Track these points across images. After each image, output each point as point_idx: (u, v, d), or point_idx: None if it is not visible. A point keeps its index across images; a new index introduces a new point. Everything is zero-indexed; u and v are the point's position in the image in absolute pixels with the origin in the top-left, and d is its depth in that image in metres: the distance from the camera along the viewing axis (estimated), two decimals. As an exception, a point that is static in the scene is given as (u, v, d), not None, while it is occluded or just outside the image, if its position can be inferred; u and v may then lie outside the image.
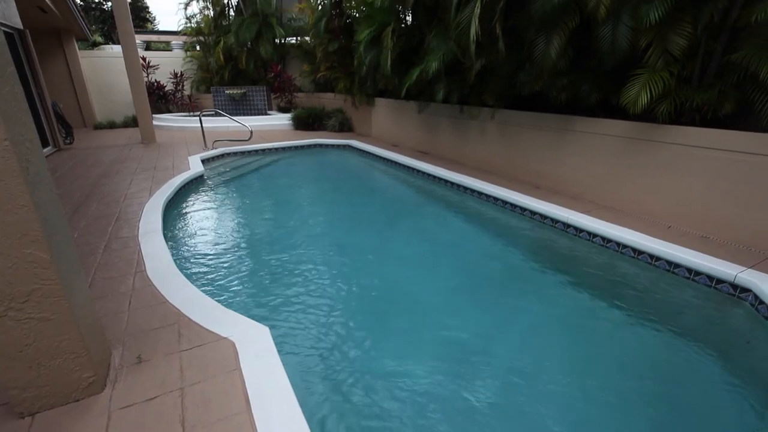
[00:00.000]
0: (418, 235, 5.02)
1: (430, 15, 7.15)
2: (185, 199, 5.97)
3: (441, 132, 8.03)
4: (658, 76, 4.13)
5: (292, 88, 14.15)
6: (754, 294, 3.20)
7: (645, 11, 3.98)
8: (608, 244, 4.29)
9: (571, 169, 5.51)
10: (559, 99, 5.35)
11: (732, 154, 3.91)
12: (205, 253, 4.22)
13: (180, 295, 3.00)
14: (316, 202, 6.50)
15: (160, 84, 14.85)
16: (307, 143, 10.06)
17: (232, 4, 15.57)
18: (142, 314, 2.78)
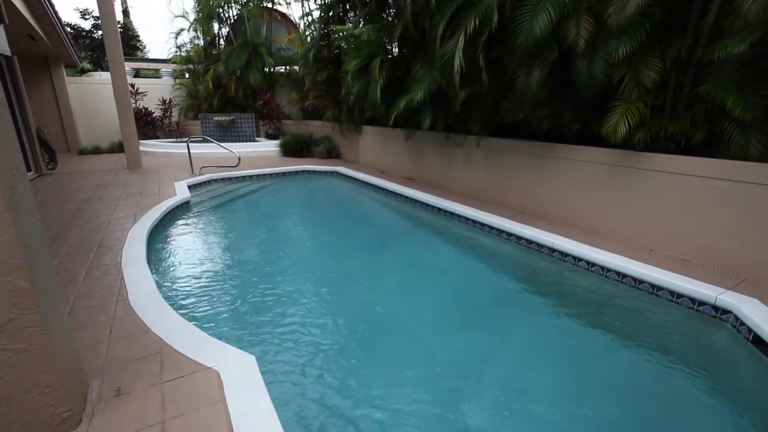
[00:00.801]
0: (405, 261, 5.02)
1: (416, 47, 7.42)
2: (171, 225, 5.89)
3: (427, 159, 8.18)
4: (634, 107, 4.34)
5: (280, 116, 14.33)
6: (734, 315, 3.27)
7: (614, 46, 4.22)
8: (593, 268, 4.36)
9: (555, 195, 5.64)
10: (541, 127, 5.54)
11: (705, 180, 4.08)
12: (190, 281, 4.14)
13: (163, 323, 2.92)
14: (303, 228, 6.48)
15: (148, 110, 14.90)
16: (294, 170, 10.11)
17: (223, 34, 15.92)
18: (123, 344, 2.69)
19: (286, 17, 16.00)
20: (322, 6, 11.14)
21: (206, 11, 14.73)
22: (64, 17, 18.07)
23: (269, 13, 15.03)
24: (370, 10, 8.57)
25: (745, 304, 3.25)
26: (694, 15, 4.21)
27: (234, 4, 14.89)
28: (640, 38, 4.11)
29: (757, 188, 3.73)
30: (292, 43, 14.67)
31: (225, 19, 15.34)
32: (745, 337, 3.12)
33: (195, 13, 15.46)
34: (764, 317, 3.05)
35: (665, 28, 4.34)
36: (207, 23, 15.34)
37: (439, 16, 5.76)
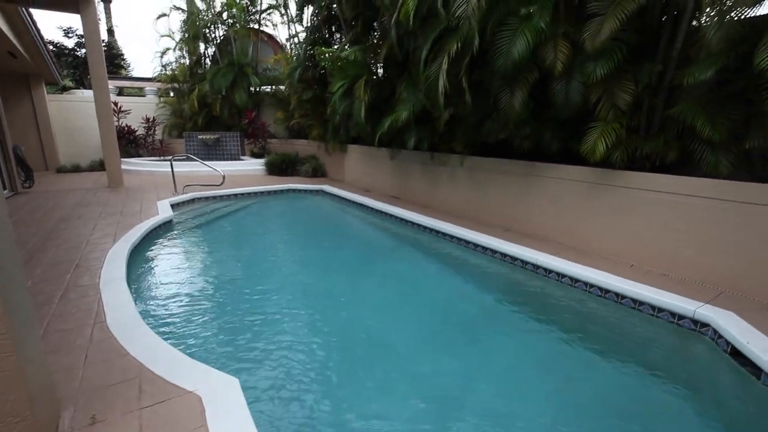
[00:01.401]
0: (391, 280, 5.01)
1: (400, 68, 7.59)
2: (152, 245, 5.76)
3: (412, 178, 8.26)
4: (611, 128, 4.50)
5: (265, 134, 14.36)
6: (712, 329, 3.35)
7: (592, 68, 4.40)
8: (576, 284, 4.42)
9: (539, 212, 5.75)
10: (523, 147, 5.69)
11: (680, 197, 4.23)
12: (172, 302, 4.03)
13: (143, 346, 2.83)
14: (288, 247, 6.42)
15: (131, 128, 14.75)
16: (280, 188, 10.07)
17: (209, 54, 16.02)
18: (100, 369, 2.59)
19: (273, 38, 16.23)
20: (309, 28, 11.36)
21: (192, 31, 14.85)
22: (46, 35, 17.94)
23: (256, 34, 15.23)
24: (356, 33, 8.78)
25: (722, 317, 3.33)
26: (664, 42, 4.45)
27: (221, 25, 15.05)
28: (616, 61, 4.30)
29: (727, 204, 3.88)
30: (278, 64, 14.84)
31: (211, 40, 15.46)
32: (723, 349, 3.19)
33: (181, 33, 15.55)
34: (740, 330, 3.13)
35: (638, 54, 4.56)
36: (193, 43, 15.45)
37: (423, 39, 5.93)
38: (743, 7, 3.42)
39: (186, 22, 15.05)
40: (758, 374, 2.84)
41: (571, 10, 4.75)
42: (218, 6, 15.01)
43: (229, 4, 14.37)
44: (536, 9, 4.67)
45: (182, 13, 15.42)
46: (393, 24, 6.38)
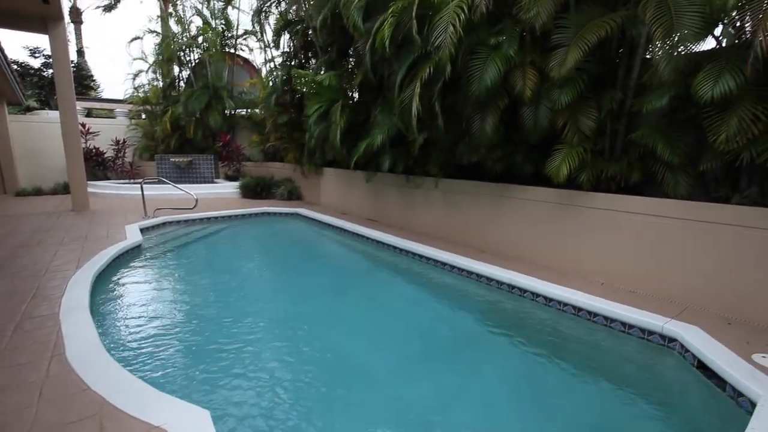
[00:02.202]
0: (368, 303, 4.96)
1: (375, 93, 7.76)
2: (119, 271, 5.51)
3: (388, 200, 8.33)
4: (575, 151, 4.72)
5: (240, 157, 14.22)
6: (680, 343, 3.46)
7: (557, 95, 4.64)
8: (550, 303, 4.50)
9: (512, 233, 5.88)
10: (495, 169, 5.86)
11: (642, 216, 4.43)
12: (139, 331, 3.84)
13: (106, 379, 2.67)
14: (262, 271, 6.28)
15: (99, 150, 14.32)
16: (254, 211, 9.92)
17: (183, 77, 15.91)
18: (56, 406, 2.42)
19: (249, 62, 16.32)
20: (285, 53, 11.52)
21: (167, 54, 14.76)
22: (11, 54, 17.42)
23: (231, 58, 15.29)
24: (331, 58, 8.95)
25: (687, 331, 3.46)
26: (622, 72, 4.76)
27: (196, 48, 15.04)
28: (579, 89, 4.56)
29: (686, 223, 4.10)
30: (254, 87, 14.89)
31: (186, 63, 15.40)
32: (691, 363, 3.29)
33: (155, 56, 15.42)
34: (705, 344, 3.25)
35: (599, 82, 4.84)
36: (167, 66, 15.33)
37: (398, 65, 6.11)
38: (688, 42, 3.72)
39: (160, 45, 14.96)
40: (723, 386, 2.94)
41: (537, 41, 5.03)
42: (194, 30, 15.05)
43: (205, 29, 14.42)
44: (505, 39, 4.91)
45: (156, 36, 15.35)
46: (367, 50, 6.55)
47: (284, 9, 11.44)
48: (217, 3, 14.68)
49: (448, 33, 4.79)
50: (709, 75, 3.60)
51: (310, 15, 9.36)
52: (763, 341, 3.40)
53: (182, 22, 14.77)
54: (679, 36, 3.69)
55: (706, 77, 3.61)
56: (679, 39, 3.70)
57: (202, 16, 14.63)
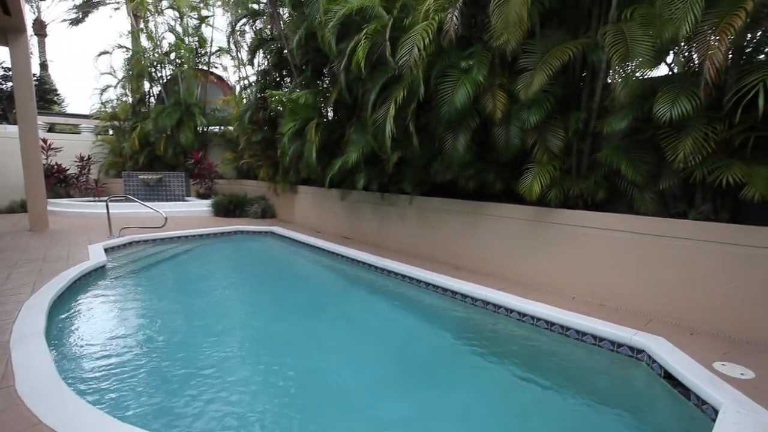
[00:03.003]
0: (343, 322, 4.90)
1: (350, 111, 7.83)
2: (80, 294, 5.22)
3: (363, 218, 8.33)
4: (545, 169, 4.89)
5: (212, 175, 13.93)
6: (647, 354, 3.57)
7: (526, 116, 4.82)
8: (524, 318, 4.57)
9: (485, 250, 5.97)
10: (468, 187, 5.98)
11: (608, 231, 4.62)
12: (100, 359, 3.62)
13: (60, 412, 2.49)
14: (234, 292, 6.10)
15: (62, 167, 13.71)
16: (227, 230, 9.69)
17: (154, 93, 15.59)
18: (4, 442, 2.23)
19: (222, 80, 16.20)
20: (259, 71, 11.51)
21: (137, 70, 14.46)
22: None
23: (205, 75, 15.14)
24: (306, 77, 9.01)
25: (654, 342, 3.57)
26: (585, 94, 5.02)
27: (168, 64, 14.83)
28: (546, 110, 4.76)
29: (649, 238, 4.30)
30: (228, 105, 14.74)
31: (157, 79, 15.13)
32: (658, 373, 3.40)
33: (124, 71, 15.09)
34: (671, 354, 3.37)
35: (565, 104, 5.08)
36: (137, 81, 15.01)
37: (372, 85, 6.22)
38: (643, 68, 3.98)
39: (130, 60, 14.67)
40: (688, 395, 3.05)
41: (506, 64, 5.24)
42: (166, 46, 14.86)
43: (177, 45, 14.27)
44: (474, 62, 5.10)
45: (126, 52, 15.05)
46: (342, 70, 6.64)
47: (259, 28, 11.48)
48: (191, 20, 14.60)
49: (412, 55, 4.94)
50: (666, 98, 3.83)
51: (285, 34, 9.44)
52: (722, 349, 3.55)
53: (153, 37, 14.57)
54: (634, 62, 3.94)
55: (664, 100, 3.84)
56: (635, 65, 3.95)
57: (174, 32, 14.49)
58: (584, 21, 5.06)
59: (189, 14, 14.46)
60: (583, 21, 5.07)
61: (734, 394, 2.80)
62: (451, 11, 4.83)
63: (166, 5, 14.58)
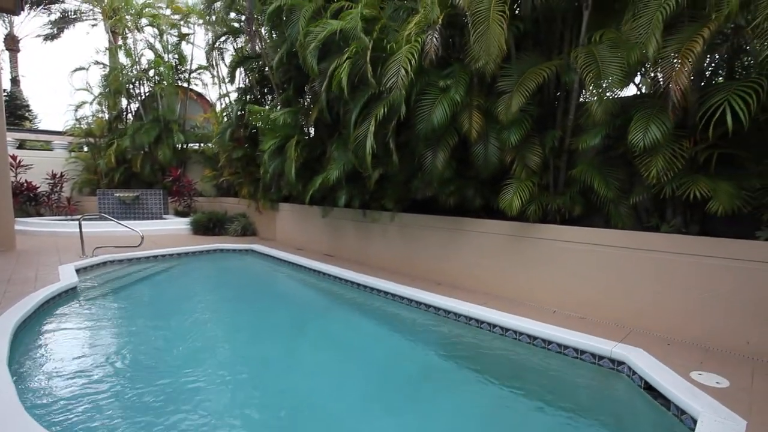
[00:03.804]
0: (325, 341, 4.81)
1: (331, 129, 7.88)
2: (48, 318, 4.98)
3: (345, 235, 8.30)
4: (524, 185, 5.00)
5: (191, 192, 13.70)
6: (628, 366, 3.63)
7: (507, 135, 4.95)
8: (507, 333, 4.58)
9: (467, 265, 6.02)
10: (448, 203, 6.05)
11: (585, 245, 4.74)
12: (67, 387, 3.44)
13: (24, 444, 2.34)
14: (212, 313, 5.93)
15: (32, 185, 13.25)
16: (206, 248, 9.48)
17: (132, 110, 15.36)
18: (-40, 480, 2.08)
19: (203, 97, 16.10)
20: (240, 89, 11.51)
21: (115, 86, 14.25)
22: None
23: (184, 92, 15.03)
24: (287, 95, 9.06)
25: (633, 354, 3.64)
26: (560, 113, 5.20)
27: (147, 81, 14.68)
28: (525, 129, 4.90)
29: (624, 251, 4.44)
30: (208, 122, 14.64)
31: (135, 95, 14.93)
32: (638, 384, 3.45)
33: (101, 88, 14.84)
34: (650, 366, 3.43)
35: (542, 122, 5.24)
36: (114, 98, 14.77)
37: (353, 104, 6.29)
38: (614, 88, 4.18)
39: (107, 77, 14.46)
40: (668, 405, 3.10)
41: (483, 85, 5.40)
42: (145, 63, 14.73)
43: (157, 62, 14.17)
44: (453, 82, 5.23)
45: (103, 68, 14.85)
46: (323, 90, 6.70)
47: (240, 46, 11.52)
48: (170, 37, 14.55)
49: (399, 76, 5.05)
50: (639, 126, 4.00)
51: (266, 53, 9.50)
52: (697, 359, 3.65)
53: (131, 54, 14.43)
54: (606, 82, 4.13)
55: (637, 128, 4.00)
56: (607, 85, 4.14)
57: (154, 49, 14.40)
58: (557, 43, 5.29)
59: (169, 32, 14.43)
60: (555, 43, 5.30)
61: (711, 403, 2.87)
62: (431, 33, 4.98)
63: (146, 23, 14.52)
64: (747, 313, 3.73)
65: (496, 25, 4.39)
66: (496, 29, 4.39)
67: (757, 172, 3.88)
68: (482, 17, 4.50)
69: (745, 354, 3.73)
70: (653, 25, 3.66)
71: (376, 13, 6.01)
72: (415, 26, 5.25)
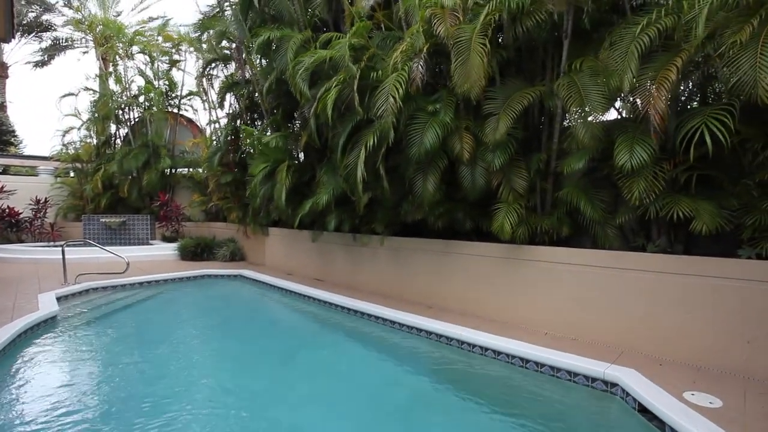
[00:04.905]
0: (315, 369, 4.69)
1: (320, 154, 7.94)
2: (25, 349, 4.78)
3: (335, 259, 8.24)
4: (513, 208, 5.07)
5: (179, 217, 13.53)
6: (621, 387, 3.61)
7: (491, 158, 5.05)
8: (499, 356, 4.54)
9: (457, 288, 6.00)
10: (437, 225, 6.08)
11: (576, 266, 4.77)
12: (42, 424, 3.27)
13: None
14: (198, 341, 5.76)
15: (14, 210, 12.97)
16: (193, 274, 9.31)
17: (120, 135, 15.31)
18: None
19: (192, 122, 16.15)
20: (230, 114, 11.61)
21: (104, 112, 14.24)
22: None
23: (174, 117, 15.07)
24: (277, 120, 9.15)
25: (626, 375, 3.62)
26: (545, 137, 5.34)
27: (136, 107, 14.71)
28: (510, 152, 5.01)
29: (612, 271, 4.49)
30: (197, 147, 14.64)
31: (124, 121, 14.93)
32: (632, 407, 3.42)
33: (90, 113, 14.82)
34: (643, 387, 3.41)
35: (527, 146, 5.37)
36: (103, 124, 14.73)
37: (341, 129, 6.37)
38: (597, 113, 4.33)
39: (96, 103, 14.47)
40: (663, 427, 3.07)
41: (470, 108, 5.53)
42: (135, 89, 14.80)
43: (147, 89, 14.25)
44: (441, 106, 5.36)
45: (93, 94, 14.87)
46: (312, 115, 6.78)
47: (231, 73, 11.69)
48: (161, 64, 14.71)
49: (388, 104, 5.17)
50: (624, 148, 4.12)
51: (256, 79, 9.64)
52: (689, 378, 3.65)
53: (122, 80, 14.52)
54: (588, 107, 4.28)
55: (622, 150, 4.12)
56: (589, 110, 4.29)
57: (144, 76, 14.51)
58: (539, 70, 5.48)
59: (160, 59, 14.60)
60: (538, 70, 5.50)
61: (706, 424, 2.85)
62: (417, 61, 5.14)
63: (137, 50, 14.69)
64: (735, 331, 3.76)
65: (476, 55, 4.55)
66: (476, 59, 4.55)
67: (735, 192, 4.01)
68: (464, 47, 4.69)
69: (736, 372, 3.74)
70: (628, 57, 3.85)
71: (365, 42, 6.19)
72: (402, 54, 5.40)
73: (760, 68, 3.10)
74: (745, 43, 3.19)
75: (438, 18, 4.94)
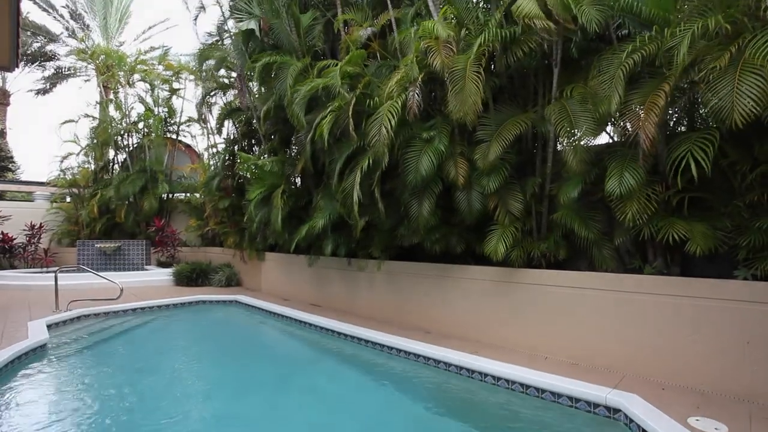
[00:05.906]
0: (312, 396, 4.58)
1: (317, 178, 8.00)
2: (12, 379, 4.64)
3: (332, 284, 8.17)
4: (508, 231, 5.09)
5: (175, 242, 13.46)
6: (623, 413, 3.53)
7: (486, 182, 5.11)
8: (499, 382, 4.45)
9: (456, 312, 5.94)
10: (434, 250, 6.07)
11: (574, 289, 4.76)
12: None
13: None
14: (193, 369, 5.64)
15: (8, 236, 12.88)
16: (188, 300, 9.19)
17: (119, 160, 15.42)
18: None
19: (191, 148, 16.31)
20: (228, 140, 11.76)
21: (103, 138, 14.39)
22: None
23: (173, 143, 15.23)
24: (274, 145, 9.27)
25: (628, 400, 3.55)
26: (539, 161, 5.43)
27: (135, 133, 14.88)
28: (504, 176, 5.07)
29: (610, 294, 4.47)
30: (195, 172, 14.74)
31: (123, 146, 15.06)
32: (635, 433, 3.34)
33: (89, 139, 14.95)
34: (647, 413, 3.34)
35: (522, 170, 5.45)
36: (101, 149, 14.86)
37: (338, 154, 6.46)
38: (587, 137, 4.42)
39: (96, 129, 14.63)
40: (668, 457, 2.99)
41: (464, 134, 5.64)
42: (134, 116, 15.01)
43: (147, 115, 14.46)
44: (436, 133, 5.46)
45: (93, 120, 15.05)
46: (308, 141, 6.88)
47: (229, 100, 11.92)
48: (161, 92, 14.98)
49: (381, 134, 5.27)
50: (615, 175, 4.20)
51: (254, 106, 9.82)
52: (693, 403, 3.58)
53: (122, 107, 14.75)
54: (579, 132, 4.38)
55: (612, 177, 4.20)
56: (580, 134, 4.39)
57: (144, 103, 14.75)
58: (531, 96, 5.63)
59: (160, 86, 14.88)
60: (530, 96, 5.64)
61: (710, 451, 2.79)
62: (412, 89, 5.27)
63: (138, 78, 14.99)
64: (738, 355, 3.72)
65: (471, 83, 4.69)
66: (472, 87, 4.68)
67: (727, 212, 4.06)
68: (459, 76, 4.83)
69: (741, 396, 3.68)
70: (615, 81, 3.97)
71: (360, 70, 6.35)
72: (397, 84, 5.54)
73: (738, 94, 3.21)
74: (724, 68, 3.31)
75: (433, 50, 5.09)
